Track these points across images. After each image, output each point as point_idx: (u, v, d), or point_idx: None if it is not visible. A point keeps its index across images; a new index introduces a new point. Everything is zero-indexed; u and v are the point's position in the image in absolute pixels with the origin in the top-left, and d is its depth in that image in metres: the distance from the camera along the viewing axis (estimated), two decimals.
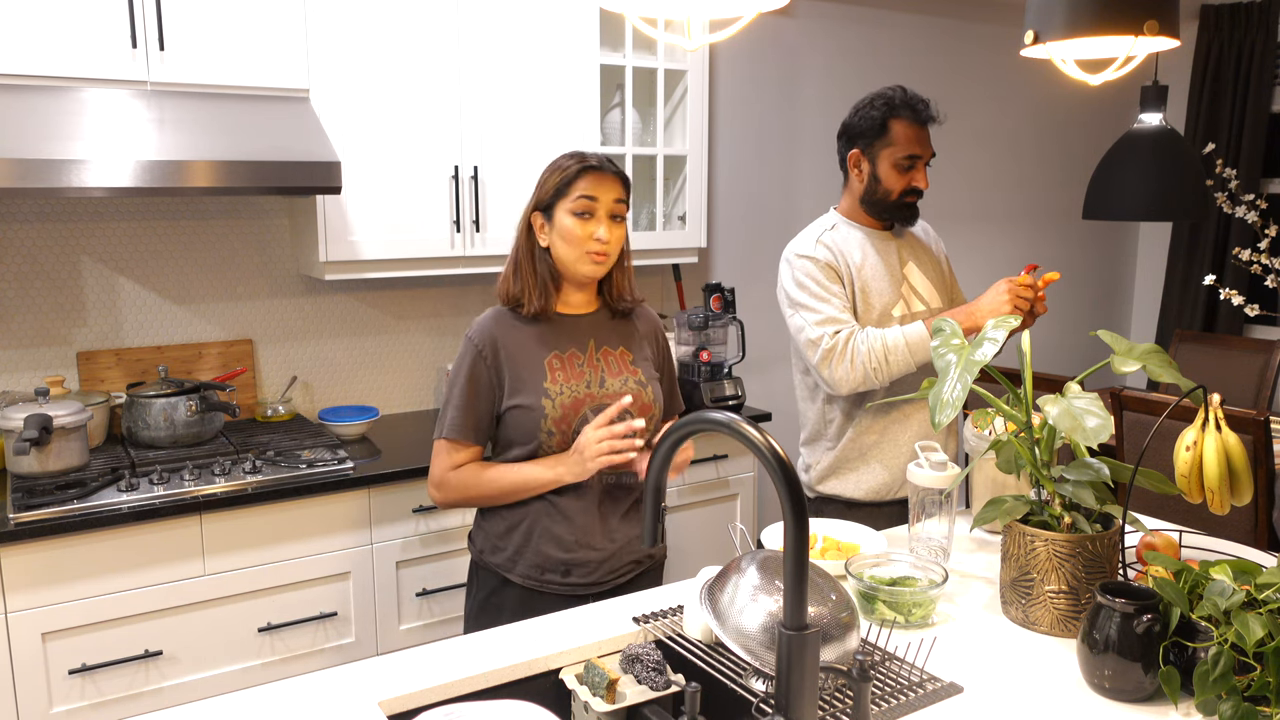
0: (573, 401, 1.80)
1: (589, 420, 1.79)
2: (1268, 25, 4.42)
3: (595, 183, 1.78)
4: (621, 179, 1.82)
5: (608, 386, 1.84)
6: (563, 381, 1.81)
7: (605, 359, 1.87)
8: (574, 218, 1.77)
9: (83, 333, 2.65)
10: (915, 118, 2.14)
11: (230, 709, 1.32)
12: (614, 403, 1.80)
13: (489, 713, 1.25)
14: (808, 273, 2.15)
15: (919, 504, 1.77)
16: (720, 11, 1.34)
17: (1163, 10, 1.61)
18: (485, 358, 1.80)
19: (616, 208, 1.80)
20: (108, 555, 2.18)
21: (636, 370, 1.89)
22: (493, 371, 1.80)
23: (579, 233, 1.77)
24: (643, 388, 1.87)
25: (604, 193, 1.78)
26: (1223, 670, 1.21)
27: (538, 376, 1.80)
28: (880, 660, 1.43)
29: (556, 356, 1.83)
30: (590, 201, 1.77)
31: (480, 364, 1.80)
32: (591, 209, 1.77)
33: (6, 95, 2.16)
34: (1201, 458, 1.54)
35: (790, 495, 1.04)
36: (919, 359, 2.09)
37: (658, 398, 1.90)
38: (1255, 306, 2.76)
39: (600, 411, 1.79)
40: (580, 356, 1.85)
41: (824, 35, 3.87)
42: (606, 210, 1.78)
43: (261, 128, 2.37)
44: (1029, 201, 4.72)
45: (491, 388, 1.81)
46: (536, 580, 1.81)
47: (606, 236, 1.78)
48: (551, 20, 2.88)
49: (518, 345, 1.82)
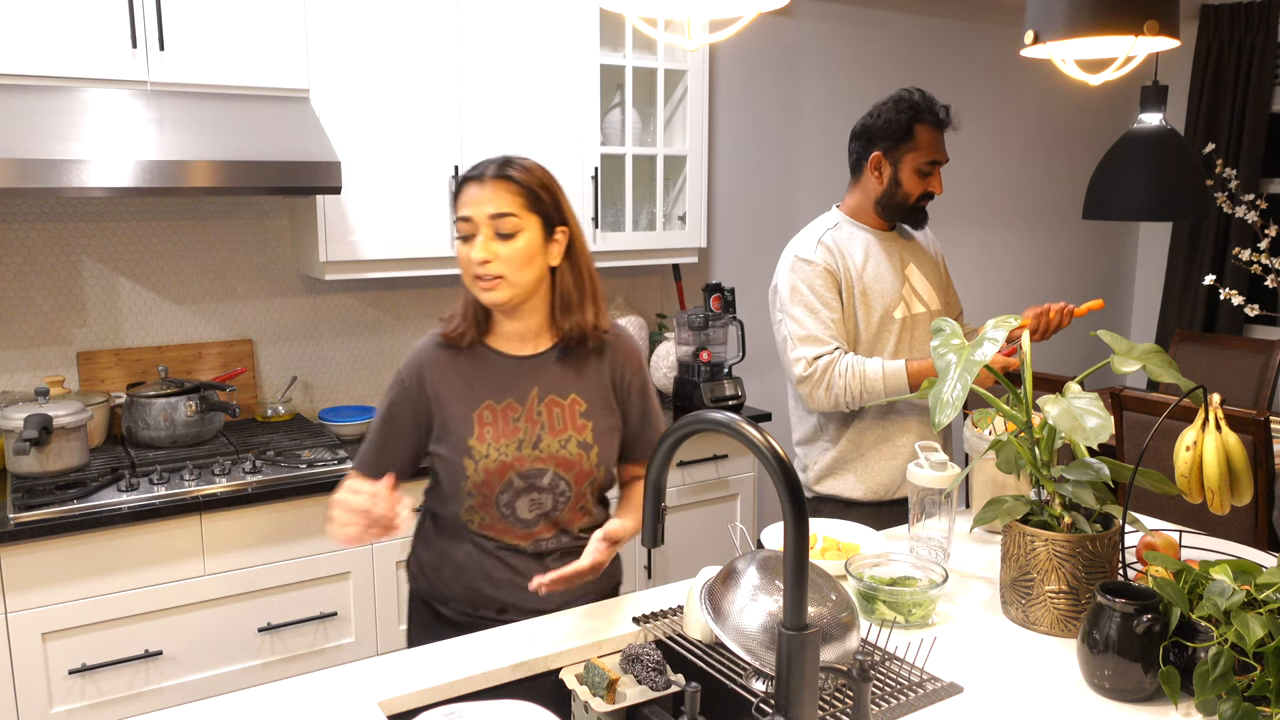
0: (498, 467, 1.57)
1: (515, 488, 1.59)
2: (1268, 25, 4.42)
3: (471, 197, 1.55)
4: (510, 182, 1.54)
5: (543, 447, 1.60)
6: (491, 440, 1.58)
7: (549, 412, 1.62)
8: (459, 242, 1.57)
9: (83, 333, 2.65)
10: (937, 122, 2.15)
11: (230, 709, 1.32)
12: (547, 468, 1.59)
13: (489, 713, 1.25)
14: (804, 279, 2.14)
15: (919, 504, 1.77)
16: (720, 11, 1.34)
17: (1163, 10, 1.61)
18: (410, 394, 1.62)
19: (498, 223, 1.53)
20: (108, 555, 2.17)
21: (585, 426, 1.63)
22: (419, 410, 1.61)
23: (461, 257, 1.56)
24: (585, 450, 1.62)
25: (479, 207, 1.53)
26: (1223, 670, 1.21)
27: (463, 430, 1.58)
28: (880, 660, 1.43)
29: (489, 407, 1.60)
30: (465, 223, 1.55)
31: (403, 401, 1.62)
32: (469, 230, 1.55)
33: (6, 95, 2.16)
34: (1201, 458, 1.54)
35: (790, 495, 1.04)
36: (891, 394, 2.10)
37: (605, 458, 1.65)
38: (1255, 306, 2.76)
39: (531, 483, 1.59)
40: (518, 409, 1.61)
41: (824, 35, 3.87)
42: (486, 227, 1.53)
43: (261, 128, 2.37)
44: (1029, 201, 4.72)
45: (415, 426, 1.62)
46: (470, 615, 1.65)
47: (483, 255, 1.52)
48: (551, 20, 2.88)
49: (447, 388, 1.61)
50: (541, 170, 1.59)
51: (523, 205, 1.54)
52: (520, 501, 1.60)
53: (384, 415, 1.65)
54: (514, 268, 1.54)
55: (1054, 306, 2.07)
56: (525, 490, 1.60)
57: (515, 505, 1.60)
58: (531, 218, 1.55)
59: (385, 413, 1.64)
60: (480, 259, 1.52)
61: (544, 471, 1.60)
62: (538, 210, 1.55)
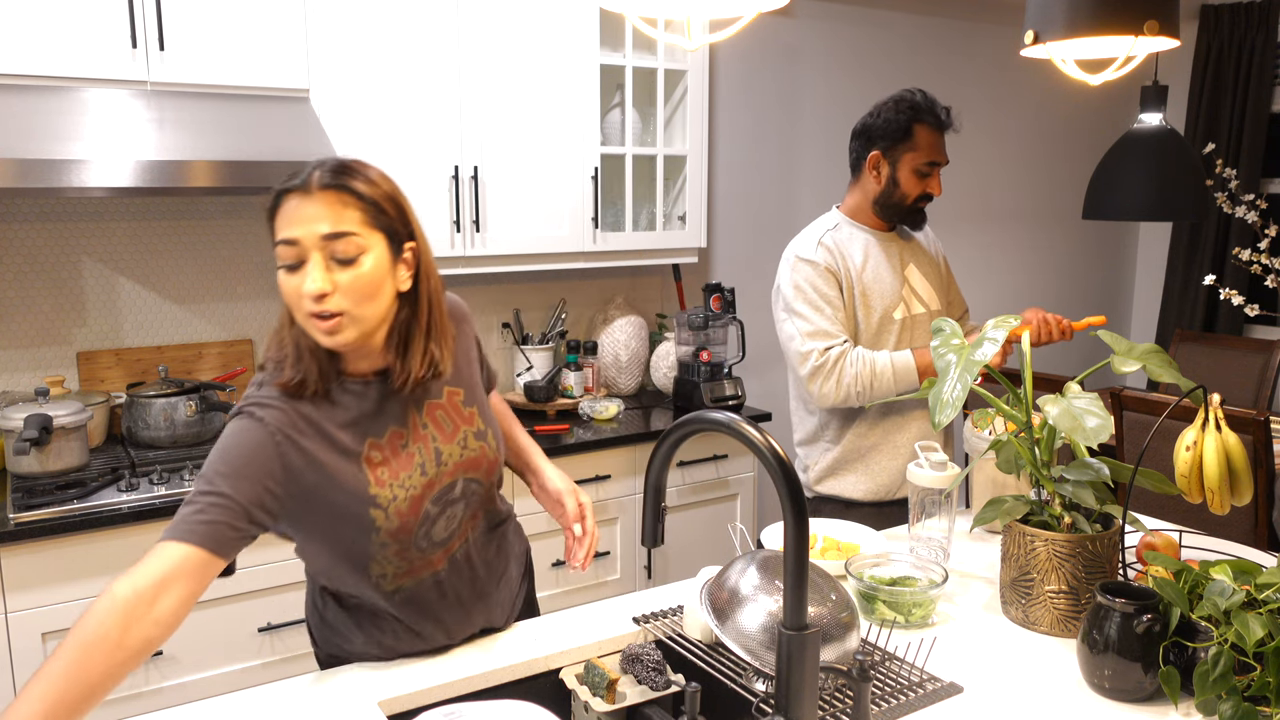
0: (410, 504, 1.35)
1: (430, 516, 1.38)
2: (1268, 25, 4.42)
3: (296, 214, 1.23)
4: (347, 193, 1.24)
5: (445, 460, 1.39)
6: (390, 480, 1.33)
7: (433, 419, 1.40)
8: (280, 270, 1.25)
9: (83, 333, 2.65)
10: (938, 124, 2.14)
11: (230, 709, 1.32)
12: (457, 479, 1.39)
13: (489, 713, 1.25)
14: (807, 279, 2.14)
15: (919, 504, 1.77)
16: (720, 11, 1.34)
17: (1163, 10, 1.61)
18: (279, 447, 1.28)
19: (334, 246, 1.22)
20: (108, 555, 2.17)
21: (472, 415, 1.44)
22: (265, 499, 1.26)
23: (288, 292, 1.25)
24: (481, 440, 1.44)
25: (309, 226, 1.22)
26: (1223, 670, 1.21)
27: (356, 485, 1.31)
28: (880, 660, 1.43)
29: (374, 446, 1.34)
30: (289, 247, 1.23)
31: (271, 454, 1.27)
32: (294, 256, 1.23)
33: (6, 95, 2.16)
34: (1201, 458, 1.54)
35: (790, 495, 1.04)
36: (902, 388, 2.10)
37: (497, 433, 1.49)
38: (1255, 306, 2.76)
39: (444, 502, 1.39)
40: (403, 433, 1.36)
41: (824, 35, 3.87)
42: (319, 251, 1.22)
43: (261, 128, 2.37)
44: (1029, 201, 4.72)
45: (278, 499, 1.28)
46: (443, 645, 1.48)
47: (320, 287, 1.21)
48: (551, 20, 2.88)
49: (318, 446, 1.30)
50: (384, 177, 1.32)
51: (365, 221, 1.25)
52: (437, 527, 1.41)
53: (240, 466, 1.26)
54: (358, 300, 1.24)
55: (1054, 319, 2.07)
56: (440, 514, 1.40)
57: (432, 534, 1.41)
58: (376, 235, 1.26)
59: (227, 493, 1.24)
60: (315, 292, 1.21)
61: (453, 484, 1.41)
62: (382, 226, 1.27)
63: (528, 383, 3.07)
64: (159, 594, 1.16)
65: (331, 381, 1.33)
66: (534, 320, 3.34)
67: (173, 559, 1.19)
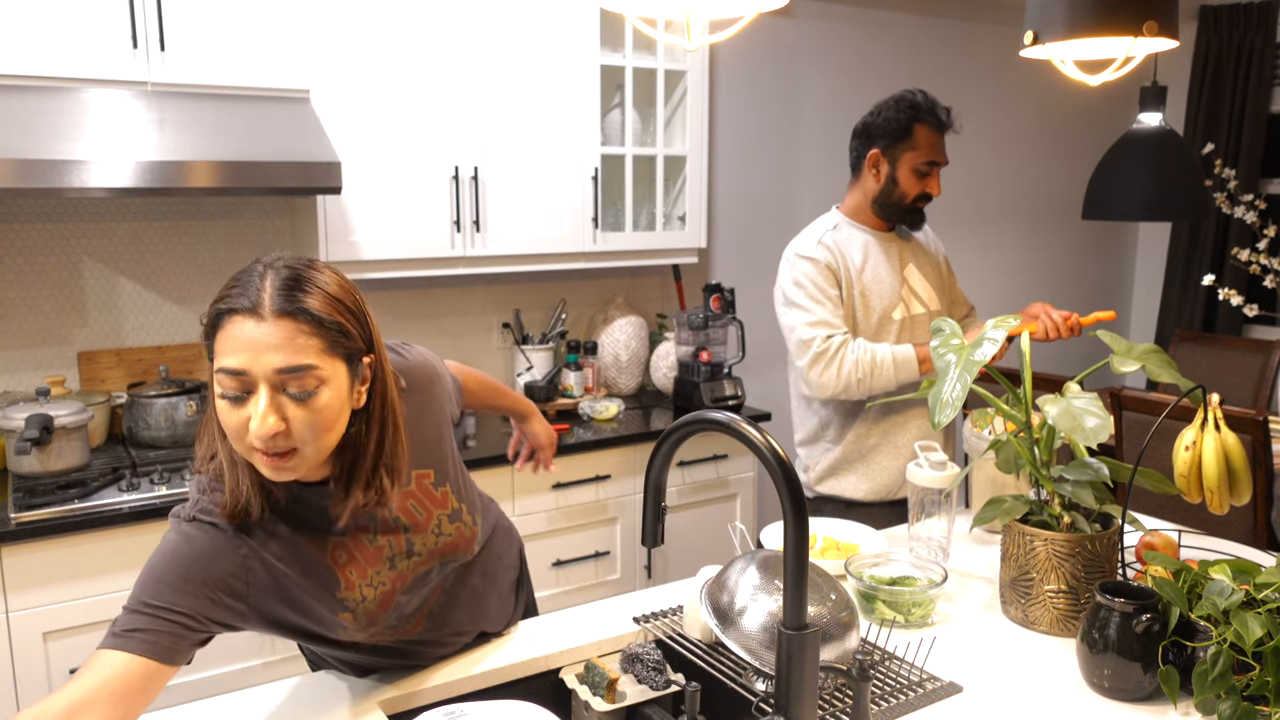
0: (380, 600, 1.25)
1: (401, 606, 1.29)
2: (1267, 25, 4.42)
3: (244, 340, 1.04)
4: (306, 319, 1.05)
5: (419, 551, 1.29)
6: (359, 580, 1.22)
7: (404, 510, 1.28)
8: (221, 401, 1.07)
9: (83, 333, 2.65)
10: (938, 124, 2.14)
11: (230, 709, 1.32)
12: (433, 566, 1.30)
13: (489, 713, 1.26)
14: (807, 274, 2.15)
15: (919, 504, 1.77)
16: (720, 11, 1.35)
17: (1162, 10, 1.62)
18: (248, 563, 1.15)
19: (289, 380, 1.05)
20: (109, 555, 2.18)
21: (445, 495, 1.33)
22: (249, 592, 1.15)
23: (230, 424, 1.07)
24: (457, 520, 1.33)
25: (259, 358, 1.04)
26: (1222, 670, 1.21)
27: (325, 589, 1.20)
28: (880, 660, 1.43)
29: (339, 546, 1.21)
30: (233, 378, 1.04)
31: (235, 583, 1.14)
32: (239, 388, 1.05)
33: (7, 95, 2.16)
34: (1200, 458, 1.54)
35: (790, 495, 1.04)
36: (903, 378, 2.10)
37: (474, 504, 1.39)
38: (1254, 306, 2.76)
39: (418, 588, 1.30)
40: (369, 525, 1.24)
41: (824, 35, 3.87)
42: (267, 384, 1.05)
43: (262, 128, 2.38)
44: (1029, 201, 4.72)
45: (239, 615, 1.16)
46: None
47: (274, 427, 1.04)
48: (551, 20, 2.88)
49: (282, 554, 1.17)
50: (341, 285, 1.12)
51: (324, 350, 1.07)
52: (410, 608, 1.33)
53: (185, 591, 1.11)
54: (315, 435, 1.08)
55: (1062, 317, 2.06)
56: (413, 596, 1.32)
57: (405, 614, 1.32)
58: (336, 363, 1.09)
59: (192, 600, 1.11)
60: (267, 432, 1.04)
61: (428, 572, 1.32)
62: (343, 351, 1.10)
63: (528, 383, 3.08)
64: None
65: (278, 497, 1.18)
66: (534, 320, 3.34)
67: (112, 669, 1.04)
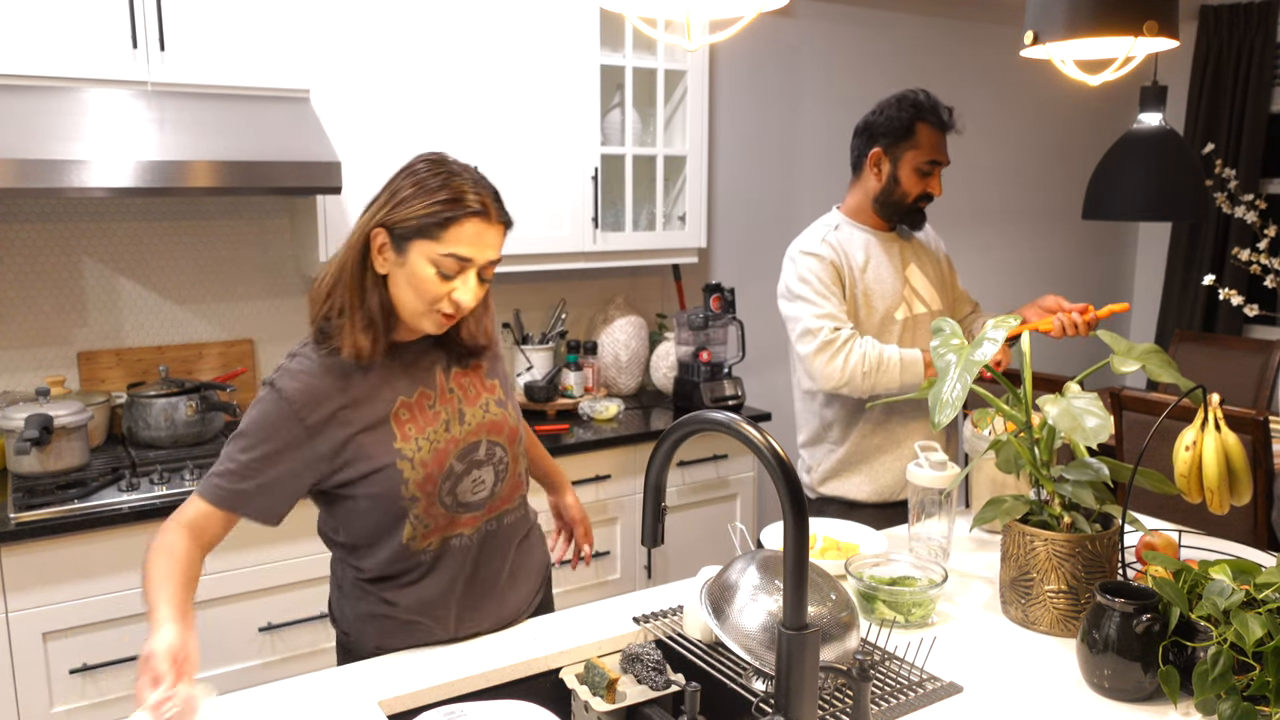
0: (434, 456, 1.45)
1: (455, 473, 1.47)
2: (1267, 25, 4.42)
3: (476, 237, 1.39)
4: (505, 227, 1.44)
5: (468, 421, 1.51)
6: (416, 435, 1.45)
7: (459, 384, 1.53)
8: (433, 269, 1.38)
9: (83, 333, 2.65)
10: (940, 123, 2.14)
11: (230, 709, 1.32)
12: (480, 439, 1.50)
13: (489, 713, 1.26)
14: (812, 270, 2.14)
15: (919, 504, 1.77)
16: (720, 11, 1.35)
17: (1162, 10, 1.62)
18: (304, 421, 1.39)
19: (487, 268, 1.43)
20: (108, 555, 2.18)
21: (494, 385, 1.58)
22: (314, 442, 1.40)
23: (433, 290, 1.39)
24: (502, 408, 1.56)
25: (484, 251, 1.40)
26: (1222, 670, 1.21)
27: (384, 438, 1.43)
28: (880, 660, 1.43)
29: (404, 405, 1.46)
30: (461, 263, 1.39)
31: (295, 428, 1.38)
32: (457, 269, 1.39)
33: (7, 95, 2.16)
34: (1201, 458, 1.54)
35: (790, 495, 1.04)
36: (907, 380, 2.09)
37: (515, 411, 1.60)
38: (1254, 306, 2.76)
39: (469, 461, 1.49)
40: (430, 394, 1.49)
41: (824, 35, 3.87)
42: (475, 271, 1.41)
43: (262, 128, 2.37)
44: (1029, 201, 4.72)
45: (308, 465, 1.40)
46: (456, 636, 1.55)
47: (468, 302, 1.41)
48: (551, 20, 2.88)
49: (351, 403, 1.42)
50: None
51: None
52: (462, 486, 1.49)
53: (266, 449, 1.38)
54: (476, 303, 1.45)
55: (1079, 308, 2.05)
56: (465, 472, 1.49)
57: (458, 492, 1.48)
58: None
59: (268, 448, 1.38)
60: (465, 304, 1.41)
61: (477, 444, 1.50)
62: None
63: (528, 383, 3.08)
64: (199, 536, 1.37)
65: (372, 353, 1.42)
66: (534, 320, 3.34)
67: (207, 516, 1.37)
